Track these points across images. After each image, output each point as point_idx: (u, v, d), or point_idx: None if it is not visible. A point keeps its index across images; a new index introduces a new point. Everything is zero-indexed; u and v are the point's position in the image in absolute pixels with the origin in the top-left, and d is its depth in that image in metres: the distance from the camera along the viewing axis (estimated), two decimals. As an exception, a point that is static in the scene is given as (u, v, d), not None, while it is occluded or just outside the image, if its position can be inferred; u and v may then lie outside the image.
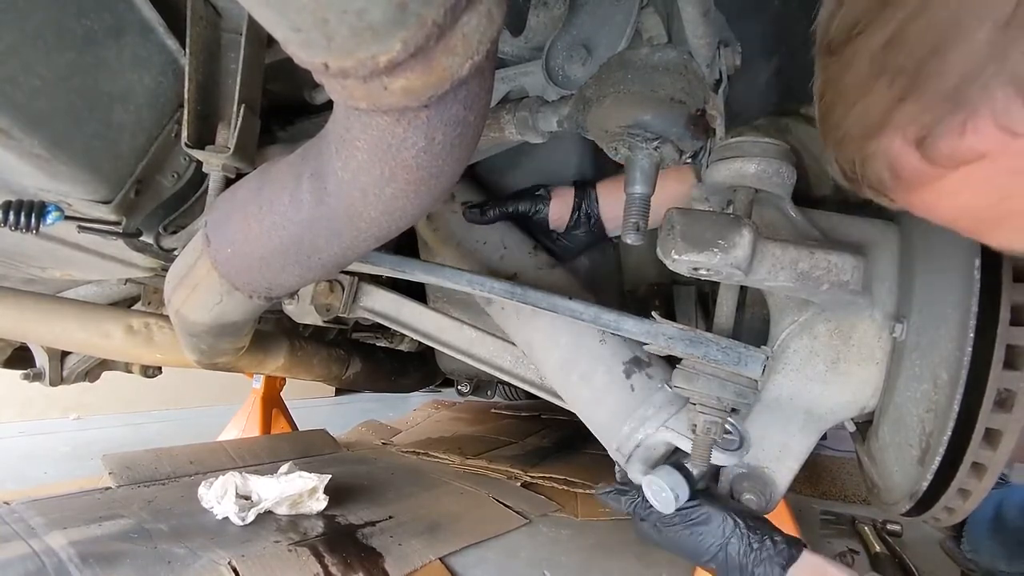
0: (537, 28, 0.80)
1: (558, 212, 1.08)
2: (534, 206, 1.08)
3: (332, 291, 1.14)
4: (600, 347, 0.90)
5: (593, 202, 1.06)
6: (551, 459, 2.19)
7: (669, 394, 0.82)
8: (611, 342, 0.89)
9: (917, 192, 0.43)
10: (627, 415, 0.83)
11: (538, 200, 1.08)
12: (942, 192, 0.41)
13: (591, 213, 1.06)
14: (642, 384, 0.85)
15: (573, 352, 0.92)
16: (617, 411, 0.85)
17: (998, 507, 1.42)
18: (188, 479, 1.68)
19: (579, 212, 1.07)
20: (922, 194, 0.43)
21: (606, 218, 1.07)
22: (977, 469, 0.74)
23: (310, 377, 1.61)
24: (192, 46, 0.79)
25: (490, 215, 1.09)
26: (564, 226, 1.09)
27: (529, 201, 1.08)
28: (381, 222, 0.54)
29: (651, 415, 0.81)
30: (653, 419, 0.81)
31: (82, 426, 2.73)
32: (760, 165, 0.72)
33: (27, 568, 1.10)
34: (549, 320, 0.93)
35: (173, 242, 0.90)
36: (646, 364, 0.87)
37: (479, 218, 1.09)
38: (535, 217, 1.09)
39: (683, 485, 0.76)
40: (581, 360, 0.91)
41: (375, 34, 0.33)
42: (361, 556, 1.26)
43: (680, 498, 0.75)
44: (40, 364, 1.64)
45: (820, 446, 2.33)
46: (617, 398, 0.86)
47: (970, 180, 0.39)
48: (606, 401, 0.87)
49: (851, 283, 0.69)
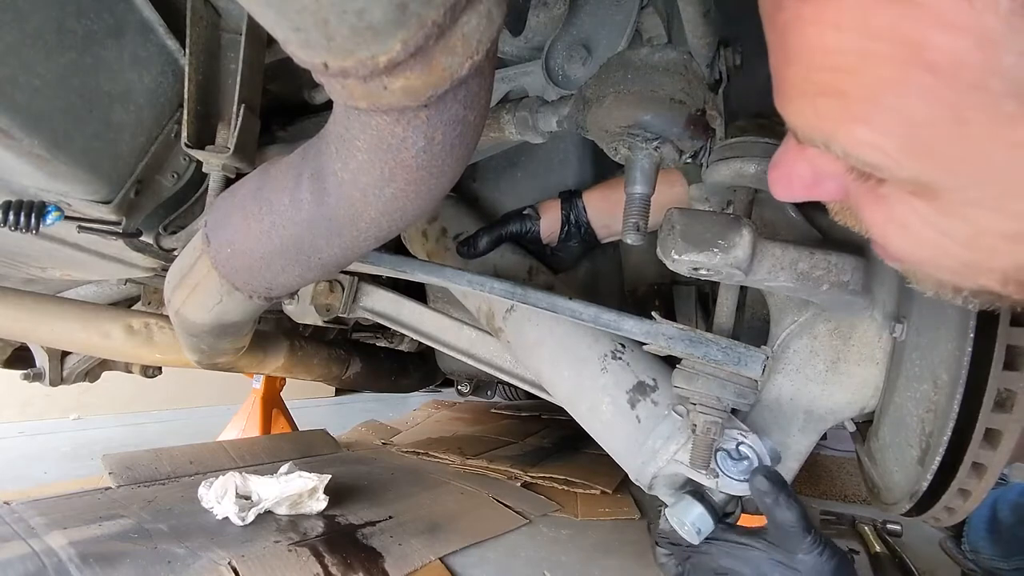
0: (537, 28, 0.80)
1: (548, 227, 1.08)
2: (523, 226, 1.08)
3: (332, 291, 1.14)
4: (602, 377, 0.86)
5: (581, 211, 1.06)
6: (551, 459, 2.19)
7: (676, 422, 0.78)
8: (612, 369, 0.86)
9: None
10: (637, 449, 0.80)
11: (526, 220, 1.09)
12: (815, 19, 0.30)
13: (580, 222, 1.07)
14: (647, 413, 0.81)
15: (577, 384, 0.89)
16: (627, 444, 0.82)
17: (993, 505, 1.43)
18: (188, 479, 1.68)
19: (568, 224, 1.07)
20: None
21: (596, 226, 1.07)
22: (977, 469, 0.74)
23: (310, 377, 1.61)
24: (192, 46, 0.79)
25: (482, 246, 1.08)
26: (556, 239, 1.09)
27: (518, 222, 1.08)
28: (381, 222, 0.54)
29: (659, 448, 0.78)
30: (662, 451, 0.77)
31: (82, 426, 2.73)
32: (760, 165, 0.72)
33: (27, 568, 1.10)
34: (551, 351, 0.92)
35: (173, 242, 0.89)
36: (651, 389, 0.83)
37: (473, 252, 1.08)
38: (527, 236, 1.09)
39: (705, 518, 0.71)
40: (585, 392, 0.88)
41: (375, 34, 0.33)
42: (361, 556, 1.26)
43: (702, 532, 0.71)
44: (40, 364, 1.64)
45: (820, 446, 2.34)
46: (625, 431, 0.82)
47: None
48: (616, 433, 0.84)
49: (851, 283, 0.69)
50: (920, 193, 0.34)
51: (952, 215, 0.34)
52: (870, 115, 0.31)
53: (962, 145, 0.29)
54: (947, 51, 0.26)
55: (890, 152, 0.31)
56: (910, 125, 0.30)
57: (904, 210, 0.35)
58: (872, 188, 0.36)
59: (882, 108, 0.30)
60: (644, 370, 0.85)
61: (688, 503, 0.74)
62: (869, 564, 1.52)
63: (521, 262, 1.11)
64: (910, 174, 0.32)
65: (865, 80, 0.29)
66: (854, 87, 0.30)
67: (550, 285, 1.08)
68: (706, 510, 0.72)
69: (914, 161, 0.31)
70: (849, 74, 0.30)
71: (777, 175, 0.41)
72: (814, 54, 0.31)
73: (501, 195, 1.28)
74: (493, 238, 1.08)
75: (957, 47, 0.26)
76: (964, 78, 0.27)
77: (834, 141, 0.33)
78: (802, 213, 0.80)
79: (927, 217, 0.35)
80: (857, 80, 0.30)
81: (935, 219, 0.34)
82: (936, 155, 0.30)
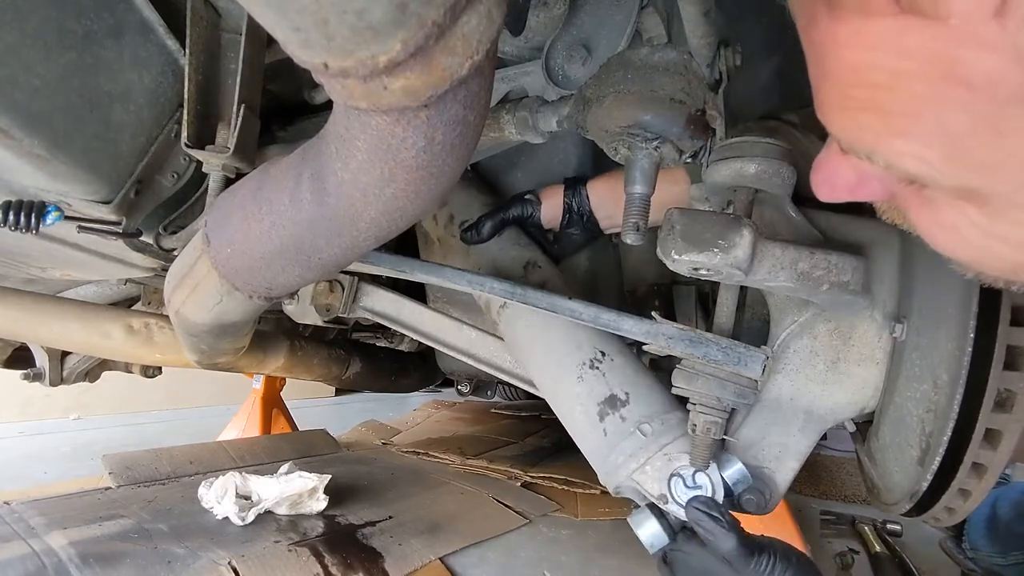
0: (537, 28, 0.80)
1: (550, 212, 1.09)
2: (525, 210, 1.09)
3: (332, 291, 1.14)
4: (578, 385, 0.87)
5: (584, 200, 1.07)
6: (551, 459, 2.19)
7: (640, 441, 0.79)
8: (588, 379, 0.87)
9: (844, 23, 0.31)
10: (602, 460, 0.83)
11: (527, 204, 1.09)
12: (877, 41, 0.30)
13: (583, 211, 1.07)
14: (614, 428, 0.83)
15: (555, 389, 0.92)
16: (593, 453, 0.85)
17: (994, 504, 1.43)
18: (188, 479, 1.68)
19: (571, 211, 1.08)
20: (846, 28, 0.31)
21: (599, 215, 1.08)
22: (977, 469, 0.74)
23: (310, 377, 1.61)
24: (192, 46, 0.79)
25: (486, 231, 1.09)
26: (558, 226, 1.10)
27: (520, 206, 1.09)
28: (381, 222, 0.54)
29: (621, 464, 0.80)
30: (623, 468, 0.79)
31: (82, 426, 2.73)
32: (760, 165, 0.72)
33: (27, 568, 1.10)
34: (537, 352, 0.94)
35: (173, 242, 0.89)
36: (621, 404, 0.84)
37: (477, 237, 1.10)
38: (529, 221, 1.10)
39: (660, 535, 0.75)
40: (562, 398, 0.90)
41: (375, 34, 0.33)
42: (361, 556, 1.26)
43: (655, 546, 0.75)
44: (40, 364, 1.64)
45: (820, 446, 2.34)
46: (592, 440, 0.85)
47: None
48: (586, 441, 0.87)
49: (851, 283, 0.69)
50: (968, 198, 0.34)
51: (1000, 219, 0.34)
52: (911, 129, 0.31)
53: (1005, 154, 0.30)
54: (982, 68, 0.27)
55: (933, 163, 0.32)
56: (951, 137, 0.30)
57: (951, 213, 0.36)
58: (917, 191, 0.37)
59: (922, 122, 0.31)
60: (620, 383, 0.86)
61: (645, 517, 0.76)
62: (869, 564, 1.52)
63: (520, 254, 1.12)
64: (955, 182, 0.33)
65: (903, 96, 0.30)
66: (893, 103, 0.31)
67: (547, 279, 1.09)
68: (661, 527, 0.75)
69: (958, 170, 0.32)
70: (887, 91, 0.31)
71: (821, 178, 0.42)
72: (851, 72, 0.32)
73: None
74: (496, 223, 1.09)
75: (992, 65, 0.27)
76: (1001, 93, 0.28)
77: (877, 153, 0.34)
78: (802, 213, 0.80)
79: (975, 220, 0.35)
80: (895, 96, 0.31)
81: (983, 222, 0.35)
82: (979, 164, 0.31)
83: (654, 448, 0.78)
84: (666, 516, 0.76)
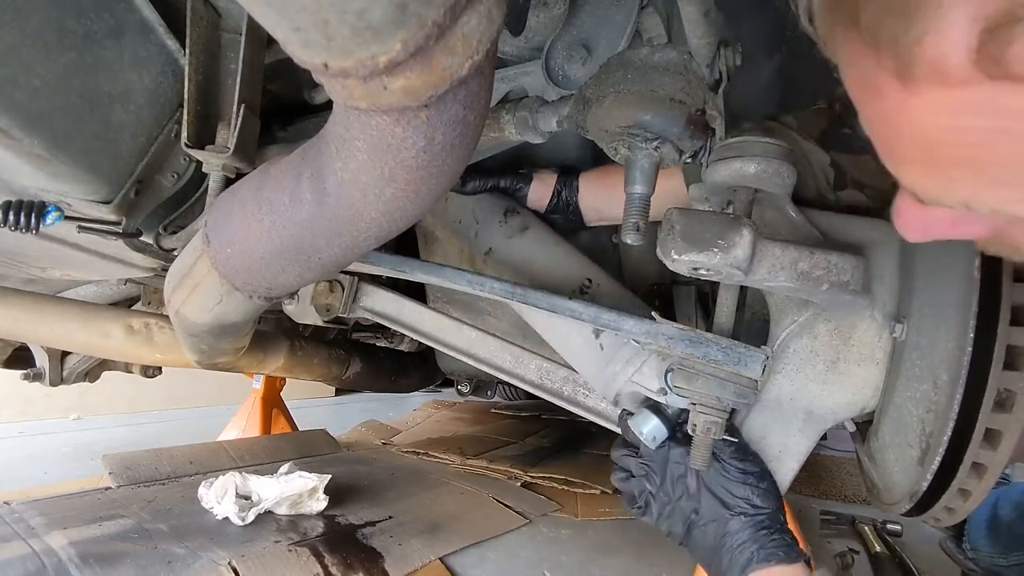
0: (537, 28, 0.80)
1: (538, 194, 1.11)
2: (515, 183, 1.11)
3: (332, 291, 1.14)
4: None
5: (573, 191, 1.09)
6: (551, 459, 2.19)
7: (634, 348, 0.86)
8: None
9: (930, 95, 0.31)
10: (601, 372, 0.90)
11: (520, 178, 1.11)
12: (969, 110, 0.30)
13: (570, 201, 1.09)
14: (610, 341, 0.90)
15: (549, 324, 0.98)
16: (593, 369, 0.93)
17: (995, 504, 1.43)
18: (188, 479, 1.68)
19: (559, 198, 1.10)
20: (934, 101, 0.31)
21: (584, 208, 1.09)
22: (977, 469, 0.74)
23: (310, 377, 1.61)
24: (192, 46, 0.79)
25: (470, 187, 1.11)
26: (543, 209, 1.12)
27: (511, 178, 1.11)
28: (381, 222, 0.54)
29: (619, 371, 0.87)
30: (621, 374, 0.87)
31: (82, 426, 2.72)
32: (760, 165, 0.72)
33: (27, 568, 1.10)
34: None
35: (173, 242, 0.89)
36: None
37: (460, 188, 1.12)
38: (515, 195, 1.13)
39: (660, 428, 0.81)
40: (559, 323, 0.96)
41: (375, 34, 0.33)
42: (361, 556, 1.26)
43: (657, 439, 0.81)
44: (40, 364, 1.64)
45: (820, 446, 2.33)
46: (591, 357, 0.93)
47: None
48: (585, 360, 0.94)
49: (851, 283, 0.69)
50: None
51: None
52: (1015, 180, 0.32)
53: None
54: None
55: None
56: None
57: None
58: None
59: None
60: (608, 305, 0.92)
61: (645, 415, 0.82)
62: (869, 564, 1.52)
63: (496, 205, 1.15)
64: None
65: (1006, 152, 0.31)
66: (995, 159, 0.31)
67: (526, 226, 1.13)
68: (661, 422, 0.82)
69: None
70: (985, 148, 0.31)
71: (908, 221, 0.41)
72: (936, 136, 0.32)
73: None
74: (482, 181, 1.11)
75: None
76: None
77: (977, 202, 0.34)
78: (802, 213, 0.80)
79: None
80: (997, 153, 0.31)
81: None
82: None
83: (649, 350, 0.82)
84: (664, 412, 0.82)
